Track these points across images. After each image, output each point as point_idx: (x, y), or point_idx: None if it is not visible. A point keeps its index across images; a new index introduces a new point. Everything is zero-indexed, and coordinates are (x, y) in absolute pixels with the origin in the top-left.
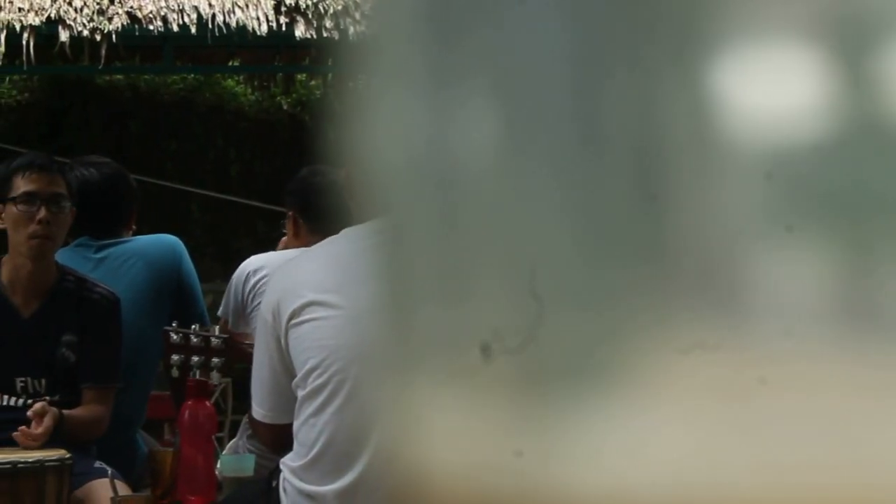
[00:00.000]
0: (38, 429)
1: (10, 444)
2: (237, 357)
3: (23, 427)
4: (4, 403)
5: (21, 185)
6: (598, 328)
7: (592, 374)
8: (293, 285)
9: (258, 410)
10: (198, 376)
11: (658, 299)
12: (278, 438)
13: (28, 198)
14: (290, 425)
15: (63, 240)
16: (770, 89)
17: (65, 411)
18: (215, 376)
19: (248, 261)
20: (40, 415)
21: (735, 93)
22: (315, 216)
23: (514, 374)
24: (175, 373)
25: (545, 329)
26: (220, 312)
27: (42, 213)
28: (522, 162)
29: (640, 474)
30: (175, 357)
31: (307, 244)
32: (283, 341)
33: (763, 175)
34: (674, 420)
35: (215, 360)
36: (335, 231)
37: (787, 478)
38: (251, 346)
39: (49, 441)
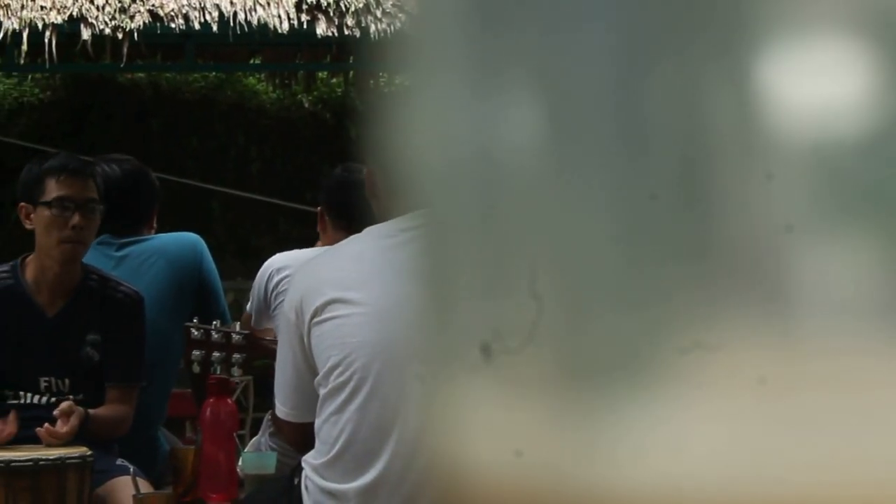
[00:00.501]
0: (63, 428)
1: (34, 441)
2: (258, 353)
3: (47, 425)
4: (28, 402)
5: (54, 189)
6: (639, 326)
7: (634, 371)
8: (316, 283)
9: (282, 409)
10: (218, 372)
11: (701, 297)
12: (303, 437)
13: (62, 203)
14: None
15: (91, 243)
16: (815, 84)
17: (90, 410)
18: (236, 372)
19: (271, 259)
20: (67, 414)
21: (780, 88)
22: (339, 214)
23: (555, 370)
24: (196, 368)
25: (587, 326)
26: (247, 309)
27: (76, 218)
28: (565, 159)
29: (683, 471)
30: (196, 353)
31: (333, 242)
32: (305, 339)
33: (807, 171)
34: (716, 417)
35: (236, 356)
36: (359, 229)
37: (832, 474)
38: (272, 342)
39: (72, 440)
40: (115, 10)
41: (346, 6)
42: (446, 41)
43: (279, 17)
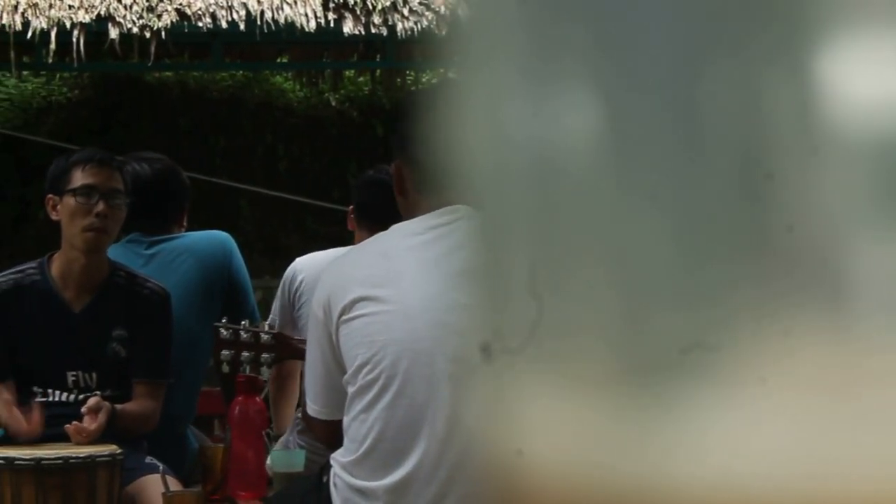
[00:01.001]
0: (91, 425)
1: (62, 438)
2: (287, 353)
3: (76, 422)
4: (56, 398)
5: (80, 178)
6: (699, 323)
7: (695, 367)
8: (343, 281)
9: (312, 407)
10: (248, 372)
11: (762, 294)
12: (333, 435)
13: (87, 190)
14: None
15: (116, 235)
16: (878, 79)
17: (117, 406)
18: (265, 372)
19: (294, 262)
20: (95, 410)
21: (842, 84)
22: (364, 212)
23: (614, 367)
24: (225, 368)
25: (646, 323)
26: (271, 314)
27: (100, 206)
28: (623, 155)
29: (746, 467)
30: (225, 353)
31: (361, 240)
32: (334, 337)
33: (869, 166)
34: (778, 414)
35: (265, 355)
36: (384, 227)
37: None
38: (301, 341)
39: (101, 436)
40: (142, 9)
41: (372, 4)
42: (500, 34)
43: (306, 15)
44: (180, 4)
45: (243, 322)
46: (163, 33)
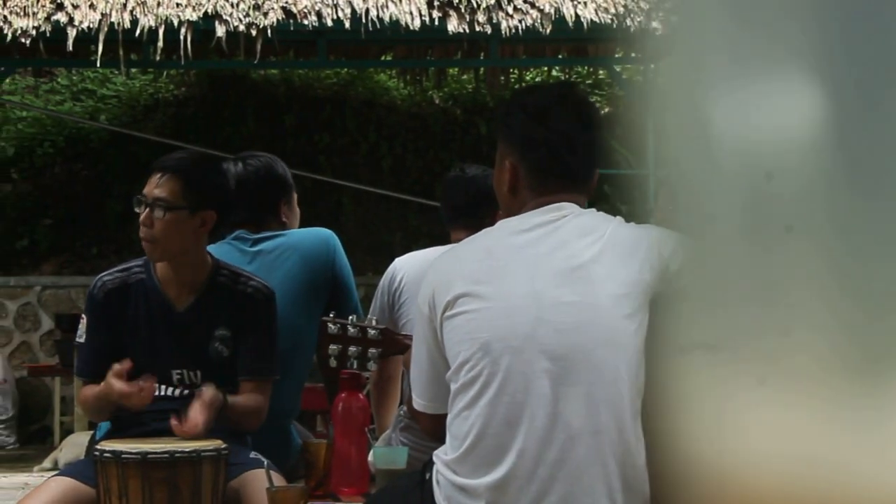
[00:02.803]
0: (196, 420)
1: (168, 433)
2: (394, 348)
3: (182, 420)
4: (162, 394)
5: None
6: None
7: None
8: (447, 277)
9: (418, 401)
10: (355, 367)
11: None
12: (440, 429)
13: (137, 199)
14: None
15: (180, 243)
16: None
17: (228, 397)
18: (372, 367)
19: (395, 261)
20: (210, 405)
21: None
22: (459, 211)
23: (835, 365)
24: (333, 363)
25: (873, 324)
26: (371, 310)
27: (143, 216)
28: (846, 154)
29: None
30: (333, 347)
31: (458, 239)
32: (438, 333)
33: None
34: None
35: (372, 350)
36: (466, 227)
37: None
38: (407, 337)
39: (209, 429)
40: (248, 7)
41: (477, 3)
42: (707, 32)
43: (411, 13)
44: (286, 3)
45: (351, 317)
46: (269, 31)
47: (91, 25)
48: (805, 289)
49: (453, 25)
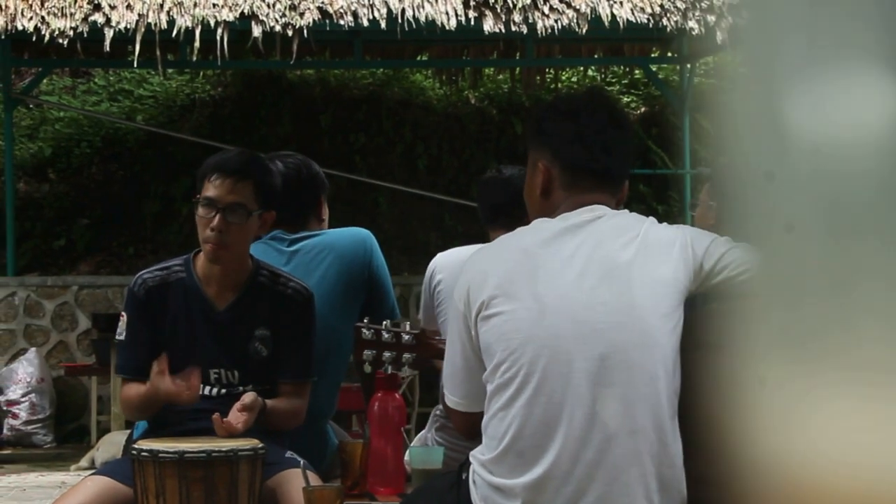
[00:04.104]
0: (238, 424)
1: (205, 432)
2: (428, 353)
3: (225, 419)
4: (199, 393)
5: (207, 188)
6: None
7: None
8: (482, 276)
9: (452, 398)
10: (389, 372)
11: None
12: (473, 426)
13: (207, 203)
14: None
15: (245, 246)
16: None
17: (267, 401)
18: (406, 371)
19: (435, 258)
20: (249, 408)
21: None
22: (496, 211)
23: None
24: (368, 368)
25: None
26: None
27: (216, 221)
28: None
29: None
30: (367, 352)
31: (492, 239)
32: (473, 331)
33: None
34: None
35: (406, 355)
36: (505, 226)
37: None
38: (441, 341)
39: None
40: (285, 8)
41: (513, 2)
42: (782, 31)
43: (447, 13)
44: (322, 3)
45: (385, 322)
46: (305, 31)
47: (128, 26)
48: (881, 287)
49: (489, 25)
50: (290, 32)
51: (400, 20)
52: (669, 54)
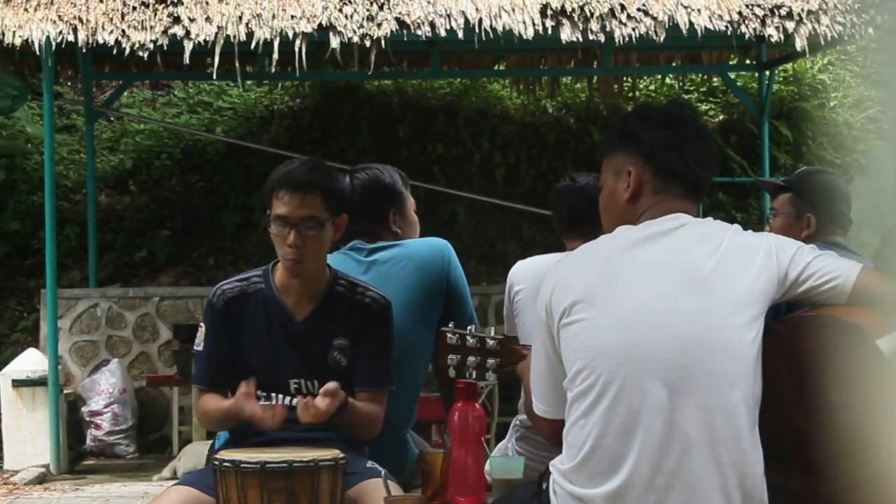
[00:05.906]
0: (323, 403)
1: (286, 443)
2: (512, 359)
3: (309, 398)
4: (278, 402)
5: (276, 206)
6: None
7: None
8: (565, 283)
9: (538, 406)
10: (473, 377)
11: None
12: (559, 433)
13: (279, 221)
14: None
15: (323, 256)
16: None
17: (349, 399)
18: (491, 377)
19: (514, 267)
20: (331, 394)
21: None
22: (574, 220)
23: None
24: (452, 373)
25: None
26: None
27: (291, 237)
28: None
29: None
30: (451, 357)
31: (573, 247)
32: (556, 339)
33: None
34: None
35: (490, 361)
36: (582, 235)
37: None
38: (525, 347)
39: (328, 426)
40: (362, 19)
41: (590, 11)
42: None
43: (524, 23)
44: (400, 13)
45: (469, 327)
46: (382, 42)
47: (207, 38)
48: None
49: (566, 34)
50: (367, 43)
51: (477, 30)
52: (748, 61)
